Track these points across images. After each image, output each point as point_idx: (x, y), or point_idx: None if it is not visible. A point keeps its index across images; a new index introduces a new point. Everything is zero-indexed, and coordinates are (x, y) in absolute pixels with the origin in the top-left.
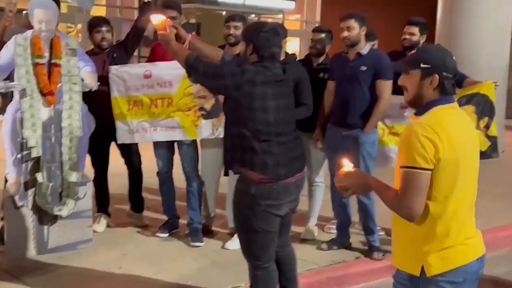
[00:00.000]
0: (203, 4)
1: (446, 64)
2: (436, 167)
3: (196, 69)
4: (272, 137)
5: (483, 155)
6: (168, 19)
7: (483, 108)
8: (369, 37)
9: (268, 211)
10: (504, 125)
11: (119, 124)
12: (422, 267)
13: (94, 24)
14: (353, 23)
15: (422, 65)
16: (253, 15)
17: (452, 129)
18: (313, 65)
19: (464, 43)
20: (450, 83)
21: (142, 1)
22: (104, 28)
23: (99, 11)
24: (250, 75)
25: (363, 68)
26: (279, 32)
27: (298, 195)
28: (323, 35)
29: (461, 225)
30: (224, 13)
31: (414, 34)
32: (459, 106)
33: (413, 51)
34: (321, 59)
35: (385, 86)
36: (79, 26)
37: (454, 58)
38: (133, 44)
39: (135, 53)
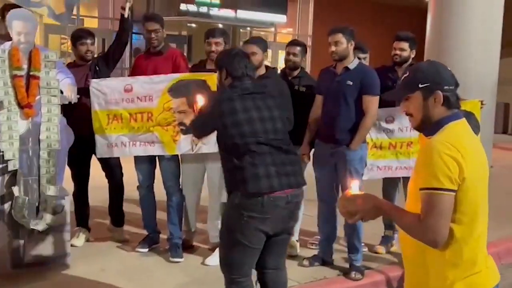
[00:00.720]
0: (195, 17)
1: (443, 76)
2: (460, 187)
3: (193, 128)
4: (251, 148)
5: None
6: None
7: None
8: (360, 50)
9: (250, 223)
10: (492, 141)
11: (98, 138)
12: None
13: (79, 36)
14: (341, 37)
15: (420, 85)
16: (248, 28)
17: (470, 145)
18: (288, 78)
19: (453, 60)
20: (454, 95)
21: (121, 15)
22: (89, 41)
23: (91, 22)
24: (218, 99)
25: (350, 82)
26: (247, 54)
27: (294, 214)
28: (298, 48)
29: (483, 250)
30: (220, 25)
31: (404, 49)
32: None
33: (404, 68)
34: (296, 72)
35: (372, 101)
36: None
37: (449, 68)
38: (116, 57)
39: (125, 65)
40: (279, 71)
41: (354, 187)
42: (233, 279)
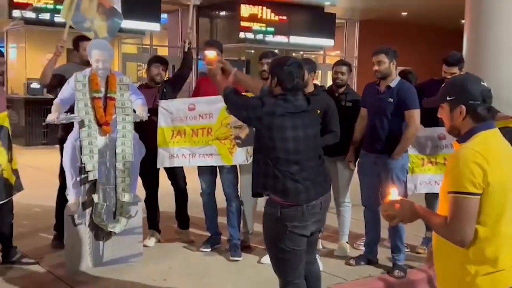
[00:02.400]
0: (252, 43)
1: (470, 92)
2: (485, 191)
3: (229, 100)
4: (292, 164)
5: None
6: (218, 55)
7: (509, 140)
8: (405, 79)
9: (294, 232)
10: None
11: (160, 151)
12: None
13: (154, 60)
14: (383, 57)
15: (448, 98)
16: (301, 52)
17: (499, 153)
18: (335, 95)
19: (487, 75)
20: (483, 109)
21: (183, 51)
22: (161, 66)
23: (163, 51)
24: (269, 107)
25: (390, 100)
26: (301, 66)
27: (324, 216)
28: (344, 67)
29: (510, 250)
30: (276, 51)
31: (455, 72)
32: None
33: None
34: (342, 89)
35: (413, 115)
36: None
37: (483, 83)
38: (180, 83)
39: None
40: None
41: (393, 193)
42: (289, 281)
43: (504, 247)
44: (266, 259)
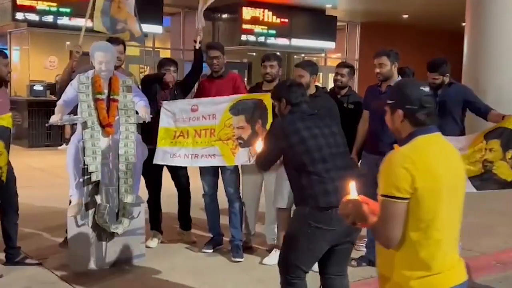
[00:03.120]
0: (254, 46)
1: (408, 97)
2: (414, 196)
3: (261, 164)
4: (318, 163)
5: (508, 185)
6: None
7: (508, 140)
8: (402, 75)
9: (315, 233)
10: None
11: (160, 149)
12: None
13: (164, 64)
14: (385, 60)
15: (388, 102)
16: (302, 55)
17: (433, 158)
18: (337, 97)
19: (487, 77)
20: (422, 114)
21: (194, 48)
22: (172, 68)
23: (165, 53)
24: (289, 118)
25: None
26: (299, 83)
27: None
28: (345, 69)
29: (444, 254)
30: (278, 53)
31: (436, 78)
32: (489, 140)
33: (442, 89)
34: (344, 91)
35: None
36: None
37: (423, 88)
38: (192, 83)
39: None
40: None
41: (352, 191)
42: (288, 280)
43: (438, 251)
44: (268, 260)
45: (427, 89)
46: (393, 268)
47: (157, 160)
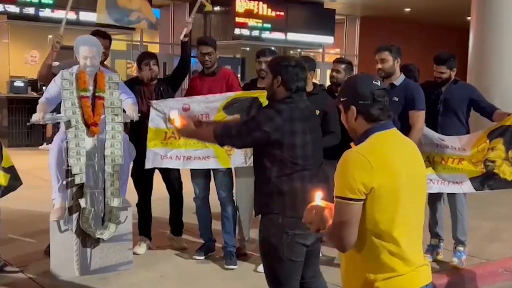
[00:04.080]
0: (248, 40)
1: (359, 92)
2: (371, 196)
3: (228, 135)
4: (293, 173)
5: (510, 184)
6: (180, 115)
7: (511, 138)
8: (407, 73)
9: (295, 240)
10: None
11: (150, 151)
12: None
13: (143, 58)
14: (387, 55)
15: (341, 99)
16: (298, 50)
17: (390, 155)
18: (335, 94)
19: (494, 73)
20: (376, 109)
21: (181, 41)
22: (151, 61)
23: (153, 48)
24: (288, 113)
25: (395, 98)
26: (305, 67)
27: None
28: (342, 65)
29: (409, 254)
30: (272, 48)
31: (443, 72)
32: (493, 139)
33: (448, 85)
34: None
35: (418, 116)
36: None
37: (375, 82)
38: (180, 79)
39: (184, 86)
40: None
41: (317, 198)
42: None
43: (401, 252)
44: (263, 267)
45: (379, 82)
46: (357, 271)
47: (148, 164)
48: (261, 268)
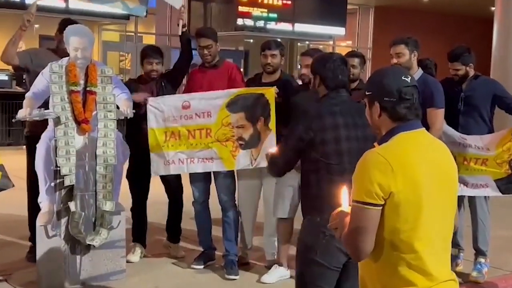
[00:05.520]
0: (252, 31)
1: (385, 87)
2: (390, 202)
3: (283, 165)
4: (336, 171)
5: None
6: None
7: None
8: (423, 68)
9: (332, 243)
10: None
11: (153, 156)
12: None
13: (146, 55)
14: (403, 48)
15: (367, 93)
16: (306, 42)
17: (414, 158)
18: (349, 92)
19: None
20: (402, 107)
21: (180, 32)
22: (154, 61)
23: (149, 39)
24: (328, 108)
25: None
26: (345, 61)
27: None
28: (356, 60)
29: (431, 268)
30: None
31: (459, 69)
32: None
33: (468, 81)
34: (355, 84)
35: (436, 114)
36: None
37: (405, 78)
38: (181, 76)
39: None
40: None
41: (344, 203)
42: None
43: (422, 265)
44: (267, 277)
45: (408, 79)
46: (373, 283)
47: (153, 172)
48: (264, 278)
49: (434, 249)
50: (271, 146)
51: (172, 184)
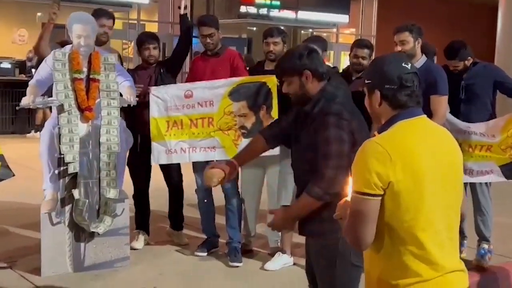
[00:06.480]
0: (255, 19)
1: (386, 74)
2: (390, 191)
3: (328, 182)
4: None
5: None
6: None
7: None
8: (427, 55)
9: (358, 273)
10: None
11: (155, 145)
12: None
13: (142, 41)
14: (407, 36)
15: (366, 81)
16: (309, 30)
17: (414, 146)
18: (351, 79)
19: None
20: (403, 94)
21: (179, 16)
22: (151, 45)
23: (152, 27)
24: (343, 107)
25: None
26: (315, 49)
27: None
28: (366, 51)
29: (437, 258)
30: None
31: (458, 65)
32: None
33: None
34: (360, 73)
35: (440, 101)
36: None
37: (405, 65)
38: (180, 61)
39: (185, 68)
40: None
41: (350, 193)
42: None
43: (425, 256)
44: (271, 265)
45: (409, 65)
46: (376, 273)
47: (153, 161)
48: (268, 266)
49: (439, 239)
50: None
51: (172, 173)
